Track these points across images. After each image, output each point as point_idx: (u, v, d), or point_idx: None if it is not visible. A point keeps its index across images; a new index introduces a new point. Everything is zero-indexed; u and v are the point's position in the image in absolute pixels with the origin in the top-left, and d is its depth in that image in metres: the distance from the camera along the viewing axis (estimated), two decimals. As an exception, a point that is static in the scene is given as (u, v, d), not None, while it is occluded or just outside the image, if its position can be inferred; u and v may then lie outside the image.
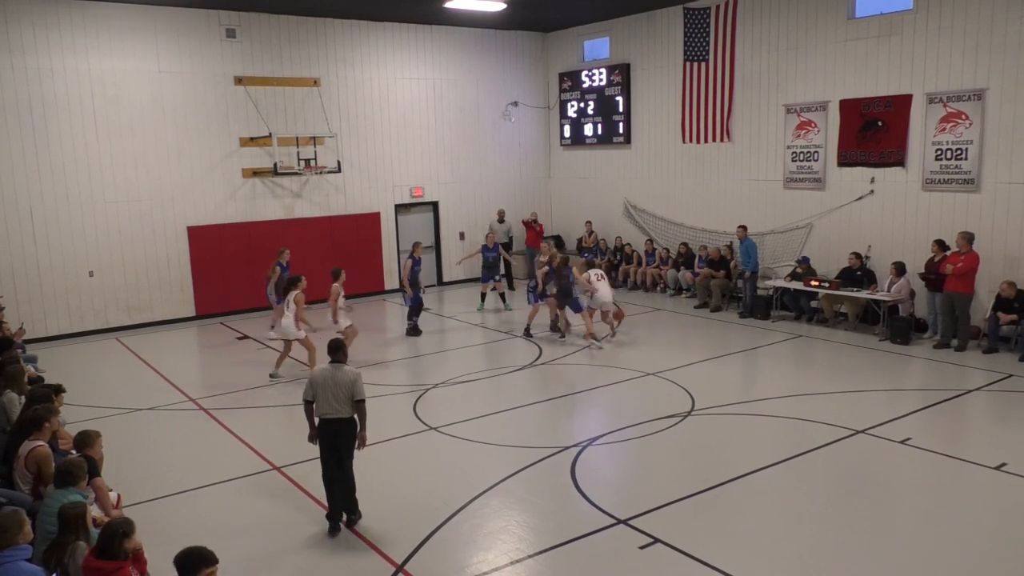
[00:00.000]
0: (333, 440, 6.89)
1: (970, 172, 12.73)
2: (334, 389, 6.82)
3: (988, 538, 6.58)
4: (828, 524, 6.89)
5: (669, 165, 17.96)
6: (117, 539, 4.67)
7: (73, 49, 14.56)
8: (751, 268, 14.94)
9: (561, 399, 10.66)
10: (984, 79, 12.45)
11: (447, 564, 6.34)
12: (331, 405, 6.82)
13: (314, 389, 6.88)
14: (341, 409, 6.84)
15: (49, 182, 14.57)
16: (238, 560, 6.48)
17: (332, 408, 6.82)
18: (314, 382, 6.89)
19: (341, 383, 6.83)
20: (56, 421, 6.89)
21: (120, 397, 11.10)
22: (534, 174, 20.99)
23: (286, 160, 16.41)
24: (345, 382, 6.83)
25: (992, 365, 11.42)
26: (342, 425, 6.88)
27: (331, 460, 6.92)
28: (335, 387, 6.82)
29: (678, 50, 17.08)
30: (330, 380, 6.84)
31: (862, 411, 9.55)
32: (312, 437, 7.07)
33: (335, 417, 6.84)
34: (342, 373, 6.88)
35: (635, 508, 7.13)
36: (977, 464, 7.96)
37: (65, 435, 7.51)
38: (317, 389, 6.86)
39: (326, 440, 6.90)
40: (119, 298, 15.50)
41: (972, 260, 11.97)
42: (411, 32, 18.43)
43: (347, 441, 6.92)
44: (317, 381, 6.88)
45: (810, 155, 15.00)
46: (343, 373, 6.88)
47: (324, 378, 6.87)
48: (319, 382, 6.86)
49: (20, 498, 6.15)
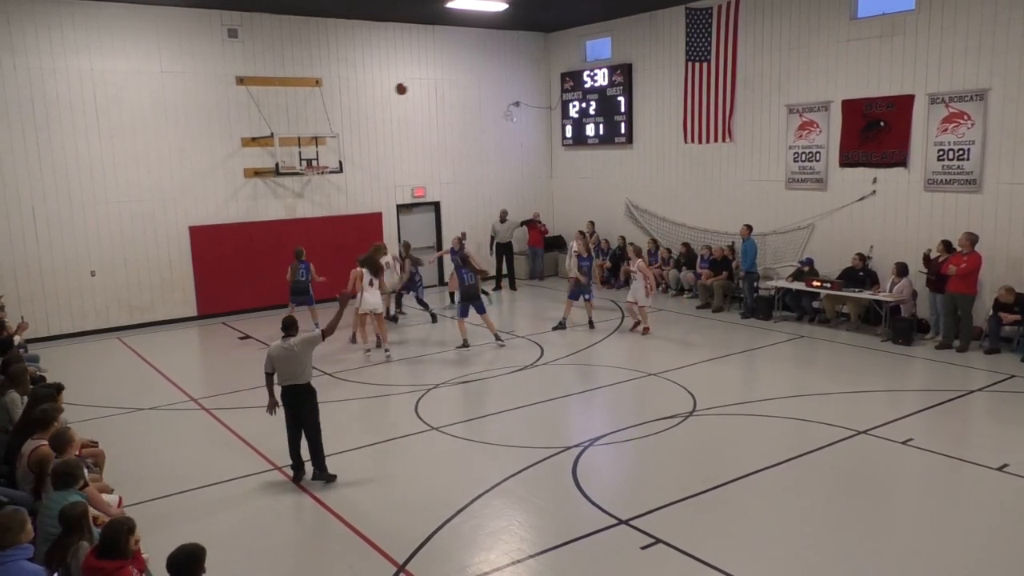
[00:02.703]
0: (294, 403, 7.77)
1: (972, 173, 12.71)
2: (288, 360, 7.68)
3: (990, 538, 6.57)
4: (830, 525, 6.88)
5: (671, 165, 17.95)
6: (123, 536, 4.67)
7: (75, 49, 14.58)
8: (746, 268, 14.93)
9: (562, 399, 10.65)
10: (986, 79, 12.44)
11: (448, 564, 6.34)
12: (289, 374, 7.69)
13: (274, 363, 7.76)
14: (298, 377, 7.71)
15: (51, 182, 14.59)
16: (239, 560, 6.49)
17: (291, 376, 7.70)
18: (272, 356, 7.76)
19: (294, 352, 7.67)
20: (61, 420, 6.89)
21: (121, 397, 11.11)
22: (536, 174, 20.99)
23: (288, 160, 16.41)
24: (296, 350, 7.69)
25: (994, 366, 11.40)
26: (299, 390, 7.75)
27: (294, 423, 7.84)
28: (289, 358, 7.68)
29: (680, 50, 17.08)
30: (285, 352, 7.69)
31: (864, 412, 9.54)
32: (271, 407, 7.97)
33: (293, 383, 7.72)
34: (292, 342, 7.73)
35: (637, 508, 7.12)
36: (979, 465, 7.95)
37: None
38: (276, 363, 7.74)
39: (288, 405, 7.79)
40: (121, 298, 15.51)
41: (975, 261, 11.95)
42: (413, 32, 18.44)
43: (306, 405, 7.79)
44: (275, 355, 7.74)
45: (812, 155, 14.99)
46: (292, 342, 7.73)
47: (280, 352, 7.72)
48: (277, 356, 7.73)
49: (21, 497, 6.15)
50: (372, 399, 10.77)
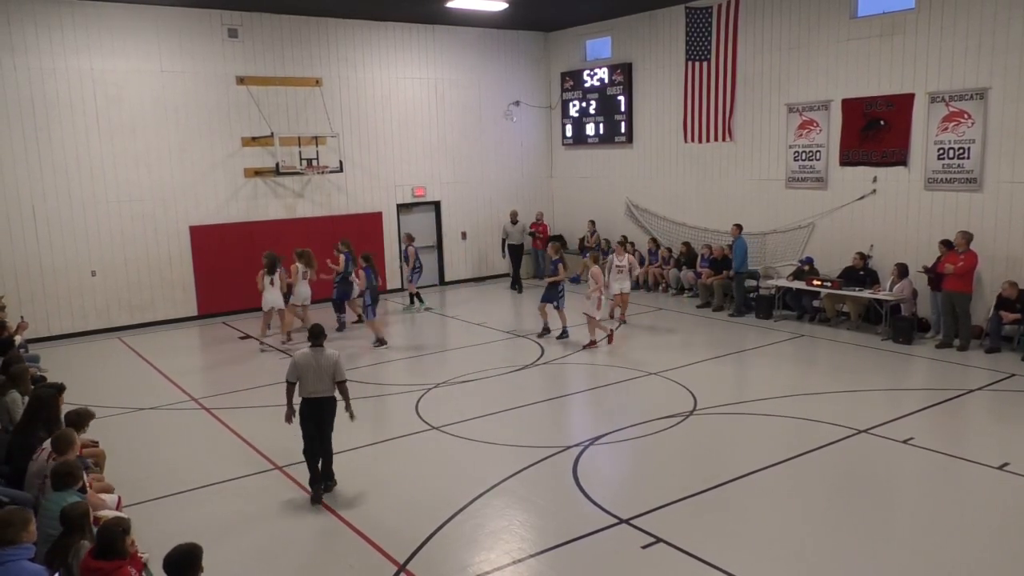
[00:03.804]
0: (317, 416, 7.48)
1: (972, 171, 12.71)
2: (317, 371, 7.41)
3: (990, 538, 6.58)
4: (830, 524, 6.88)
5: (671, 165, 17.95)
6: (119, 537, 4.68)
7: (75, 49, 14.58)
8: (736, 267, 14.91)
9: (563, 398, 10.65)
10: (986, 78, 12.43)
11: (449, 563, 6.34)
12: (315, 386, 7.43)
13: (298, 372, 7.46)
14: (324, 389, 7.47)
15: (51, 182, 14.59)
16: (239, 559, 6.49)
17: (316, 388, 7.44)
18: (298, 365, 7.45)
19: (324, 366, 7.43)
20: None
21: (122, 396, 11.12)
22: (536, 174, 20.99)
23: (288, 160, 16.41)
24: (327, 364, 7.45)
25: (994, 365, 11.40)
26: (324, 402, 7.51)
27: (315, 435, 7.51)
28: (318, 369, 7.41)
29: (680, 49, 17.08)
30: (313, 363, 7.43)
31: (864, 411, 9.54)
32: (288, 416, 7.66)
33: (319, 396, 7.46)
34: (324, 356, 7.47)
35: (637, 508, 7.12)
36: (979, 464, 7.95)
37: (84, 442, 7.50)
38: (301, 372, 7.44)
39: (311, 416, 7.48)
40: (121, 298, 15.52)
41: (972, 260, 11.95)
42: (413, 32, 18.44)
43: (329, 416, 7.56)
44: (300, 364, 7.44)
45: (812, 154, 14.99)
46: (325, 356, 7.48)
47: (307, 361, 7.44)
48: (303, 365, 7.43)
49: (23, 497, 6.15)
50: (372, 399, 10.76)
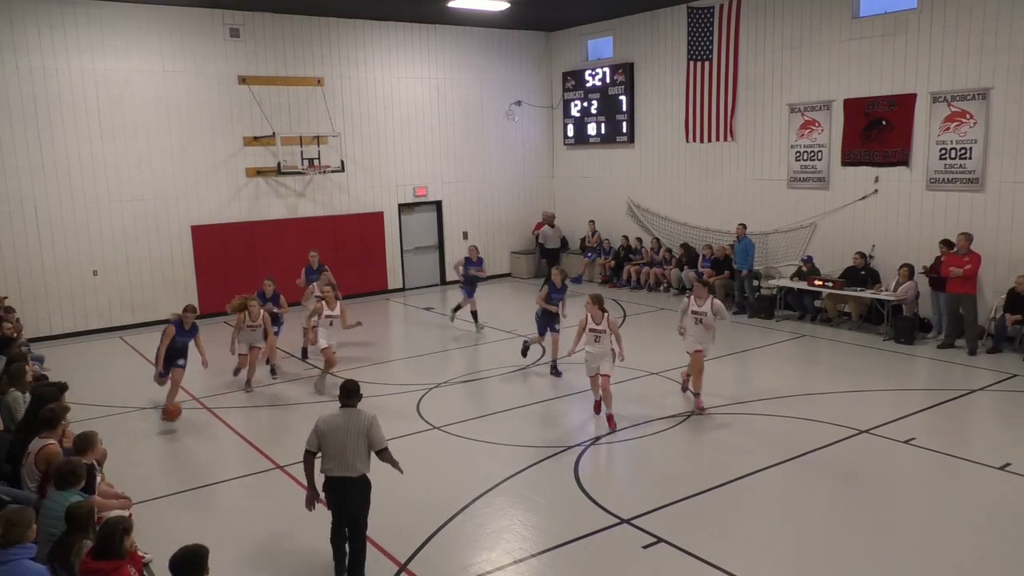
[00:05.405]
0: (344, 499, 5.86)
1: (974, 171, 12.70)
2: (344, 439, 5.75)
3: (992, 538, 6.58)
4: (832, 524, 6.88)
5: (673, 164, 17.94)
6: (118, 536, 4.68)
7: (78, 49, 14.59)
8: (747, 267, 14.91)
9: (564, 398, 10.65)
10: (989, 78, 12.42)
11: (450, 563, 6.35)
12: (337, 461, 5.78)
13: (320, 439, 5.83)
14: (350, 466, 5.76)
15: (54, 181, 14.61)
16: (240, 559, 6.50)
17: (339, 465, 5.78)
18: (321, 432, 5.83)
19: (353, 432, 5.77)
20: (67, 419, 6.91)
21: (124, 396, 11.13)
22: (538, 173, 20.98)
23: (290, 159, 16.43)
24: (358, 430, 5.77)
25: (996, 365, 11.39)
26: (350, 485, 5.80)
27: (341, 522, 5.97)
28: (346, 436, 5.76)
29: (682, 49, 17.07)
30: (340, 429, 5.78)
31: (866, 411, 9.54)
32: (310, 500, 6.07)
33: (342, 476, 5.79)
34: (357, 418, 5.85)
35: (638, 508, 7.13)
36: (981, 464, 7.94)
37: (68, 434, 7.52)
38: (326, 440, 5.80)
39: (335, 502, 5.92)
40: (123, 297, 15.53)
41: (977, 262, 11.93)
42: (414, 31, 18.44)
43: (358, 504, 5.87)
44: (323, 430, 5.82)
45: (814, 154, 14.97)
46: (358, 418, 5.85)
47: (332, 426, 5.81)
48: (325, 431, 5.81)
49: (25, 496, 6.16)
50: (373, 398, 10.76)
